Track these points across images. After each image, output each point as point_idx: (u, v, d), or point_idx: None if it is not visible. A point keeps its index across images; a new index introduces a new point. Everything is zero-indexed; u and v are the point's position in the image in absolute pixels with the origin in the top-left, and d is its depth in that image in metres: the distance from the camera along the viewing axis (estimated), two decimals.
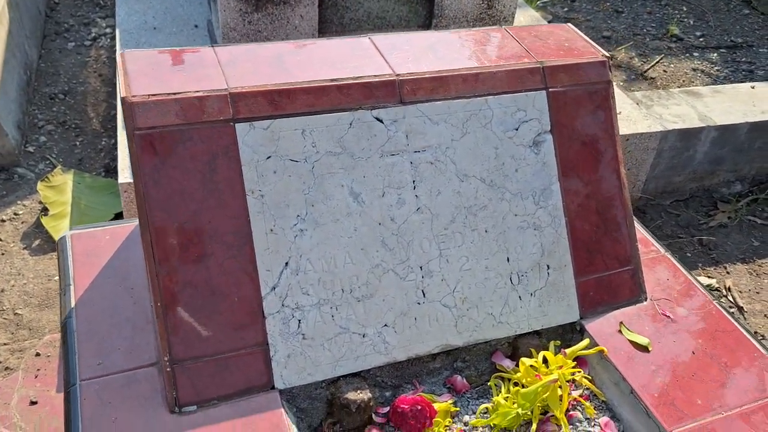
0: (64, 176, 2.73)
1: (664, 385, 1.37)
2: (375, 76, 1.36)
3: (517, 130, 1.46)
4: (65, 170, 2.77)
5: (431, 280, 1.39)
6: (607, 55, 1.56)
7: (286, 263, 1.29)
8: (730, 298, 2.63)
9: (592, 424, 1.37)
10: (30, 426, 1.92)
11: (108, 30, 3.73)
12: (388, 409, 1.33)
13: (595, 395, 1.42)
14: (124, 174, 2.22)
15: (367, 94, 1.35)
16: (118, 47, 2.91)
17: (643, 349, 1.44)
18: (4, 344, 2.14)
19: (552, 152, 1.48)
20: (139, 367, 1.28)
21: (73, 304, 1.37)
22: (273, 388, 1.27)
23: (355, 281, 1.34)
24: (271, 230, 1.28)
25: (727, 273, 2.73)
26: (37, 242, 2.50)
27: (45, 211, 2.59)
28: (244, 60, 1.36)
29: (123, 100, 1.22)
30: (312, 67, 1.36)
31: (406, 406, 1.30)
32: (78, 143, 2.99)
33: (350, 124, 1.34)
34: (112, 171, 2.85)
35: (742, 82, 3.57)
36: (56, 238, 2.49)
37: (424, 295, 1.38)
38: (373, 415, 1.32)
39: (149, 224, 1.22)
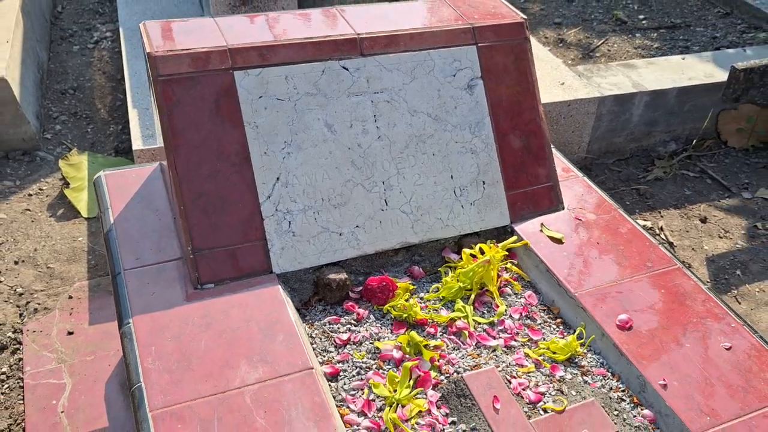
0: (79, 157, 3.12)
1: (573, 264, 1.77)
2: (341, 35, 1.77)
3: (454, 76, 1.87)
4: (80, 152, 3.16)
5: (392, 192, 1.79)
6: (525, 17, 1.98)
7: (278, 178, 1.69)
8: (662, 236, 3.04)
9: (519, 297, 1.76)
10: (69, 349, 2.30)
11: (108, 34, 4.12)
12: (360, 288, 1.72)
13: (521, 278, 1.82)
14: (137, 143, 2.61)
15: (335, 49, 1.75)
16: (123, 43, 3.31)
17: (558, 241, 1.84)
18: (41, 290, 2.52)
19: (483, 93, 1.89)
20: (167, 260, 1.66)
21: (112, 221, 1.76)
22: (271, 272, 1.66)
23: (332, 192, 1.73)
24: (265, 153, 1.68)
25: (661, 216, 3.15)
26: (61, 211, 2.88)
27: (66, 184, 2.97)
28: (238, 25, 1.76)
29: (148, 55, 1.61)
30: (292, 29, 1.76)
31: (375, 284, 1.69)
32: (89, 130, 3.37)
33: (322, 71, 1.74)
34: (121, 152, 3.24)
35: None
36: (77, 206, 2.87)
37: (386, 203, 1.78)
38: (350, 293, 1.71)
39: (172, 147, 1.61)
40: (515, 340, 1.63)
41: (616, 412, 1.46)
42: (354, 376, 1.52)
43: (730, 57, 3.60)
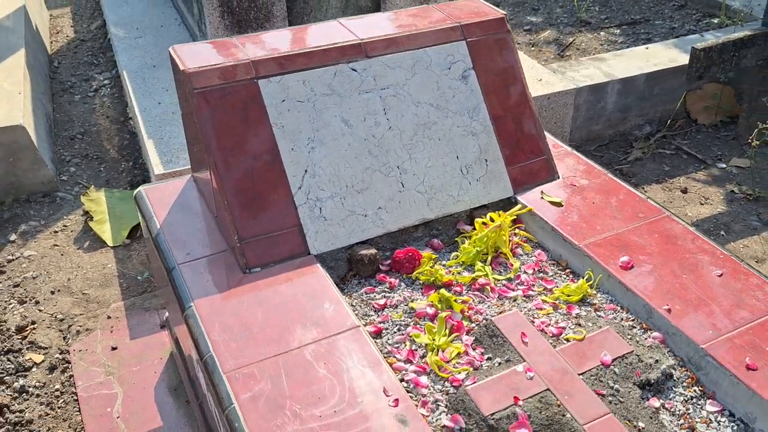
0: (97, 193, 3.30)
1: (574, 222, 1.98)
2: (346, 41, 2.00)
3: (449, 69, 2.10)
4: (98, 189, 3.34)
5: (406, 176, 2.00)
6: (504, 13, 2.22)
7: (306, 170, 1.89)
8: None
9: (530, 256, 1.97)
10: (115, 362, 2.45)
11: (106, 81, 4.34)
12: (389, 261, 1.91)
13: (529, 240, 2.03)
14: (158, 168, 2.81)
15: (343, 54, 1.98)
16: (128, 84, 3.52)
17: (558, 205, 2.06)
18: (81, 314, 2.67)
19: (476, 82, 2.12)
20: (215, 253, 1.85)
21: (158, 226, 1.94)
22: (309, 254, 1.85)
23: (354, 179, 1.94)
24: (292, 149, 1.89)
25: (645, 192, 3.39)
26: (87, 243, 3.05)
27: (90, 218, 3.14)
28: (257, 41, 1.98)
29: (182, 72, 1.82)
30: (304, 41, 1.99)
31: (402, 255, 1.89)
32: (102, 169, 3.56)
33: (335, 74, 1.96)
34: (135, 185, 3.42)
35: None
36: (103, 237, 3.04)
37: (403, 185, 1.99)
38: (380, 266, 1.90)
39: (211, 151, 1.81)
40: (532, 291, 1.83)
41: (629, 337, 1.65)
42: (395, 332, 1.70)
43: (689, 42, 3.90)
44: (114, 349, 2.51)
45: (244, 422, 1.39)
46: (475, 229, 2.01)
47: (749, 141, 3.32)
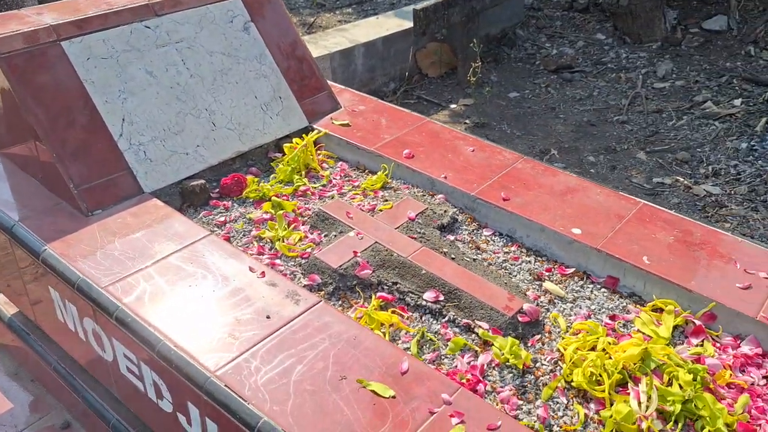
0: None
1: (363, 135, 2.42)
2: (136, 3, 2.19)
3: (232, 22, 2.39)
4: None
5: (215, 116, 2.26)
6: None
7: (123, 119, 2.05)
8: None
9: (335, 168, 2.36)
10: None
11: None
12: (218, 189, 2.16)
13: (331, 157, 2.42)
14: None
15: (135, 14, 2.17)
16: None
17: (347, 126, 2.48)
18: None
19: (257, 32, 2.45)
20: (51, 207, 1.93)
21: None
22: (143, 192, 2.02)
23: (169, 123, 2.15)
24: (106, 101, 2.04)
25: None
26: None
27: None
28: (49, 10, 2.07)
29: None
30: (97, 5, 2.14)
31: (229, 181, 2.15)
32: None
33: (131, 32, 2.14)
34: None
35: None
36: None
37: (214, 125, 2.25)
38: (210, 194, 2.14)
39: (32, 109, 1.89)
40: (344, 189, 2.23)
41: (423, 200, 2.13)
42: (242, 237, 1.97)
43: (409, 11, 4.64)
44: None
45: (138, 318, 1.57)
46: (285, 154, 2.34)
47: (468, 80, 4.13)
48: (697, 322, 1.68)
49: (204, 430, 1.50)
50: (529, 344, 1.65)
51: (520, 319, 1.68)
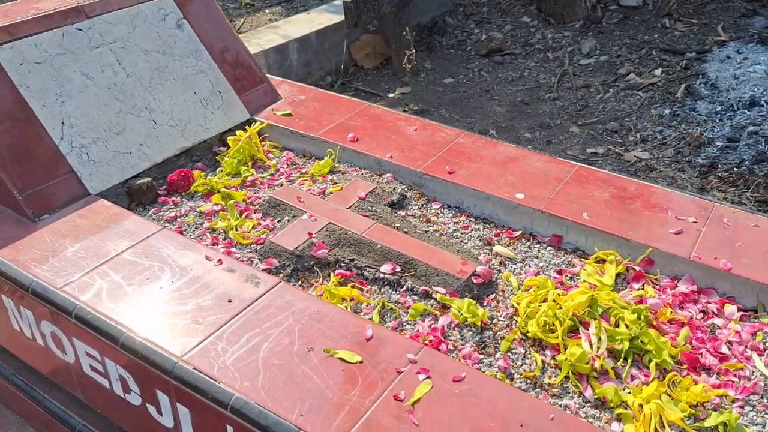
0: None
1: (306, 123, 2.45)
2: (67, 7, 2.16)
3: (164, 20, 2.39)
4: None
5: (156, 114, 2.25)
6: None
7: (63, 122, 2.03)
8: None
9: (281, 157, 2.39)
10: None
11: None
12: (165, 186, 2.16)
13: (276, 147, 2.44)
14: None
15: (66, 17, 2.14)
16: None
17: (289, 115, 2.51)
18: None
19: (191, 29, 2.45)
20: (0, 213, 1.89)
21: None
22: (89, 194, 2.00)
23: (110, 124, 2.13)
24: (44, 106, 2.00)
25: None
26: None
27: None
28: None
29: None
30: (26, 11, 2.10)
31: (176, 177, 2.15)
32: None
33: (63, 35, 2.12)
34: None
35: None
36: None
37: (155, 123, 2.24)
38: (158, 192, 2.14)
39: None
40: (292, 176, 2.26)
41: (372, 180, 2.18)
42: (194, 230, 1.98)
43: (339, 5, 4.68)
44: None
45: (98, 314, 1.56)
46: (229, 147, 2.35)
47: (404, 68, 4.20)
48: (637, 268, 1.79)
49: (176, 416, 1.51)
50: (485, 303, 1.72)
51: (474, 281, 1.75)
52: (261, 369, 1.43)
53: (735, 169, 3.47)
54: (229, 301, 1.60)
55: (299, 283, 1.80)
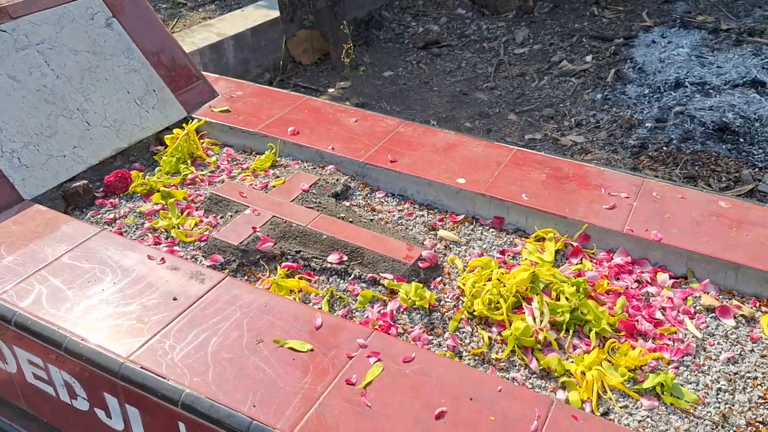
0: None
1: (244, 119, 2.43)
2: None
3: (93, 19, 2.33)
4: None
5: (88, 115, 2.19)
6: None
7: None
8: None
9: (221, 153, 2.36)
10: None
11: None
12: (102, 188, 2.11)
13: (215, 144, 2.42)
14: None
15: None
16: None
17: (227, 111, 2.48)
18: None
19: (121, 27, 2.39)
20: None
21: None
22: (23, 200, 1.94)
23: (41, 127, 2.06)
24: None
25: None
26: None
27: None
28: None
29: None
30: None
31: (113, 178, 2.10)
32: None
33: None
34: None
35: None
36: None
37: (88, 124, 2.18)
38: (95, 194, 2.08)
39: None
40: (233, 173, 2.24)
41: (314, 172, 2.19)
42: (135, 231, 1.94)
43: (275, 0, 4.65)
44: None
45: (39, 319, 1.52)
46: (167, 146, 2.31)
47: (342, 62, 4.21)
48: (575, 244, 1.85)
49: (126, 418, 1.49)
50: (432, 286, 1.76)
51: (420, 265, 1.78)
52: (210, 363, 1.42)
53: (664, 148, 3.62)
54: (174, 299, 1.58)
55: (246, 277, 1.79)
